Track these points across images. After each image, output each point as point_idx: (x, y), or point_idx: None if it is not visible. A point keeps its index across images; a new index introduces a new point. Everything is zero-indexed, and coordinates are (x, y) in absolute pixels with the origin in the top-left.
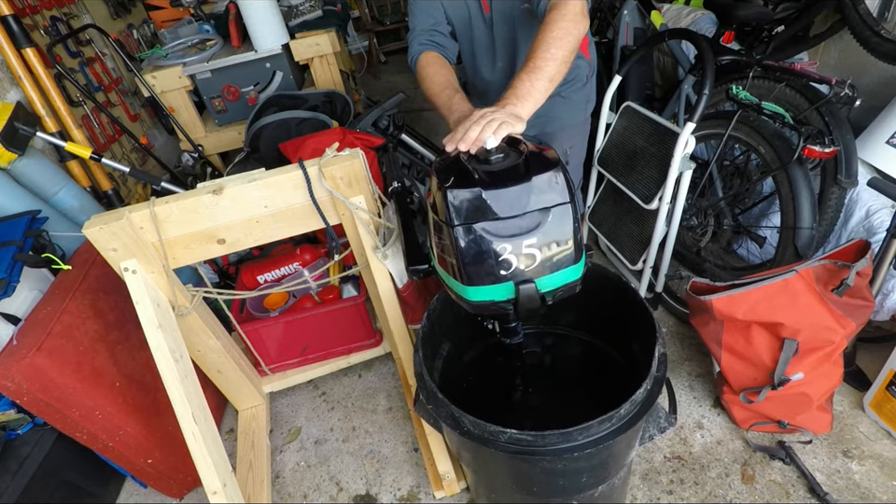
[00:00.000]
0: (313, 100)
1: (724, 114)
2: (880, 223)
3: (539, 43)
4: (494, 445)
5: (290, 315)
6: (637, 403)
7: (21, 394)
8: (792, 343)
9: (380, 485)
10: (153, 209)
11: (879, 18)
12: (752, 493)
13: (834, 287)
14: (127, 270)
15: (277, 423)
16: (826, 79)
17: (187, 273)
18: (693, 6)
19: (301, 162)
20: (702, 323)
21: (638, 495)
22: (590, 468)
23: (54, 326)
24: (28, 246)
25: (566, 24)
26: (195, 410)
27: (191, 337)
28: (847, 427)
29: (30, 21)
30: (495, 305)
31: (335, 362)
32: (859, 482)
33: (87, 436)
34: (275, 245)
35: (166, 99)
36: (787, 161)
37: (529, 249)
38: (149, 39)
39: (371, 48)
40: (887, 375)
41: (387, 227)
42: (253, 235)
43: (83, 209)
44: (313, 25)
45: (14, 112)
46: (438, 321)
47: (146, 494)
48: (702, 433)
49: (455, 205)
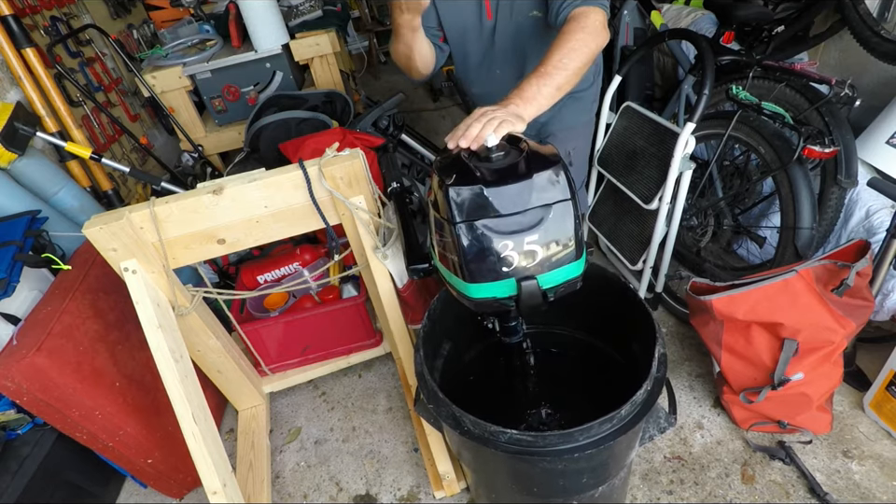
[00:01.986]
0: (313, 100)
1: (724, 114)
2: (880, 223)
3: (554, 51)
4: (494, 445)
5: (290, 315)
6: (638, 404)
7: (21, 394)
8: (792, 344)
9: (380, 485)
10: (153, 209)
11: (879, 18)
12: (752, 493)
13: (834, 287)
14: (127, 270)
15: (277, 423)
16: (826, 79)
17: (187, 272)
18: (693, 6)
19: (300, 162)
20: (702, 323)
21: (638, 495)
22: (590, 468)
23: (54, 326)
24: (28, 246)
25: (584, 36)
26: (195, 410)
27: (191, 337)
28: (847, 427)
29: (30, 21)
30: (497, 302)
31: (335, 362)
32: (859, 482)
33: (87, 436)
34: (275, 245)
35: (166, 99)
36: (787, 161)
37: (531, 246)
38: (149, 39)
39: (370, 48)
40: (887, 375)
41: (387, 227)
42: (253, 235)
43: (83, 209)
44: (313, 25)
45: (14, 112)
46: (438, 320)
47: (146, 494)
48: (702, 433)
49: (456, 203)
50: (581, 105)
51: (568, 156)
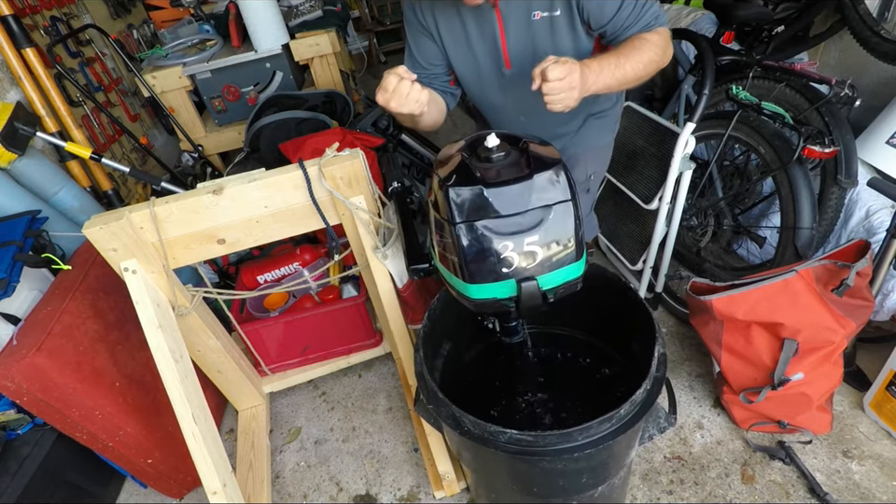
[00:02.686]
0: (313, 100)
1: (724, 114)
2: (880, 223)
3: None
4: (494, 445)
5: (290, 315)
6: (637, 403)
7: (21, 394)
8: (792, 344)
9: (380, 485)
10: (153, 209)
11: (879, 18)
12: (752, 493)
13: (834, 287)
14: (127, 270)
15: (277, 423)
16: (826, 79)
17: (187, 272)
18: (693, 6)
19: (301, 162)
20: (702, 323)
21: (638, 495)
22: (590, 468)
23: (54, 326)
24: (28, 246)
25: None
26: (195, 410)
27: (191, 337)
28: (847, 427)
29: (30, 21)
30: (497, 303)
31: (335, 362)
32: (859, 482)
33: (87, 436)
34: (275, 245)
35: (166, 99)
36: (787, 162)
37: (531, 247)
38: (149, 39)
39: (370, 48)
40: (887, 375)
41: (387, 227)
42: (253, 235)
43: (83, 209)
44: (313, 25)
45: (14, 112)
46: (439, 320)
47: (146, 494)
48: (702, 433)
49: (457, 203)
50: (603, 124)
51: (588, 180)
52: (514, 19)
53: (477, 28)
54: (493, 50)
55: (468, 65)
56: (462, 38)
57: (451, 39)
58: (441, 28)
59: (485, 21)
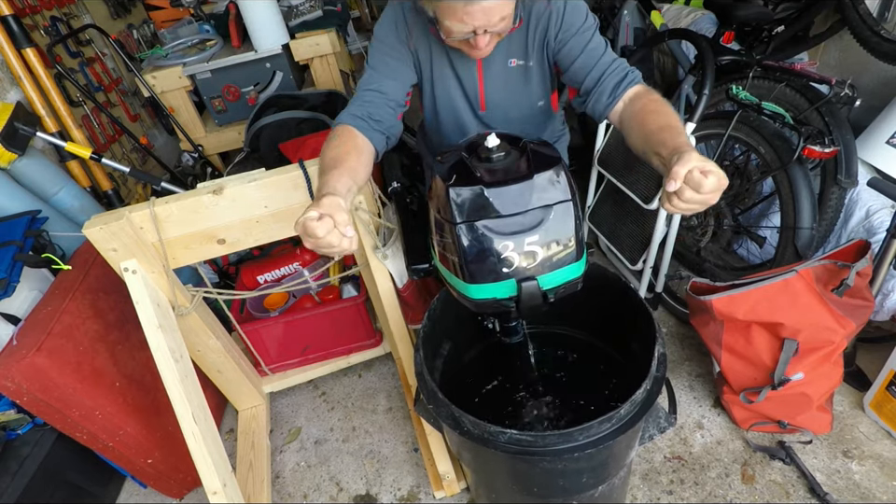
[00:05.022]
0: (313, 100)
1: (724, 114)
2: (880, 223)
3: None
4: (494, 445)
5: (290, 315)
6: (637, 403)
7: (21, 394)
8: (792, 343)
9: (380, 485)
10: (153, 209)
11: (879, 18)
12: (752, 493)
13: (834, 287)
14: (127, 270)
15: (277, 423)
16: (826, 79)
17: (187, 272)
18: (693, 6)
19: (301, 162)
20: (702, 323)
21: (638, 495)
22: (590, 468)
23: (54, 326)
24: (28, 246)
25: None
26: (195, 410)
27: (191, 337)
28: (847, 427)
29: (30, 21)
30: (497, 303)
31: (335, 362)
32: (859, 482)
33: (87, 436)
34: (275, 245)
35: (166, 99)
36: (787, 161)
37: (531, 247)
38: (149, 39)
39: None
40: (887, 375)
41: (387, 227)
42: (253, 235)
43: (83, 209)
44: (313, 25)
45: (14, 112)
46: (438, 320)
47: (146, 494)
48: (702, 433)
49: (457, 203)
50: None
51: None
52: (493, 65)
53: (462, 69)
54: (472, 92)
55: (446, 103)
56: (450, 77)
57: (440, 76)
58: (434, 64)
59: (468, 63)
